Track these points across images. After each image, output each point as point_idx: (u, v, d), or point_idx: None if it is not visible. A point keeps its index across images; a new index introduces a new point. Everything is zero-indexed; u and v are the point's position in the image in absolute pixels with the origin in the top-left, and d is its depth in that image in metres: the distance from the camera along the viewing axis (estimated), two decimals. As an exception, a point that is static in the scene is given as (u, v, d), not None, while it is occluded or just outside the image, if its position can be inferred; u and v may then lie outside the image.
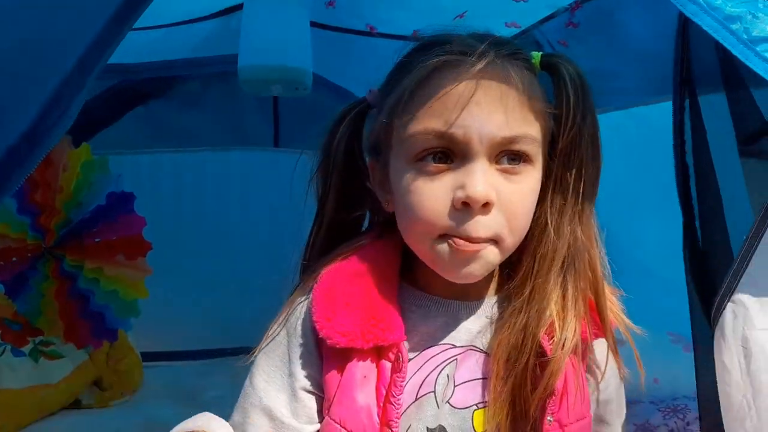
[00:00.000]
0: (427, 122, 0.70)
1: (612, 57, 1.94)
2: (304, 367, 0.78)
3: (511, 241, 0.73)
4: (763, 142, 0.70)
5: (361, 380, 0.75)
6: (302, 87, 1.84)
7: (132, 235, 1.97)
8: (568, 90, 0.74)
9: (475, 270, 0.73)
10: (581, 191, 0.76)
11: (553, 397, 0.75)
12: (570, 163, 0.75)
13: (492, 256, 0.72)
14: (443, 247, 0.71)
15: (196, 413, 0.77)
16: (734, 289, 0.70)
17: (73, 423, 1.96)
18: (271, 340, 0.81)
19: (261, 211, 2.56)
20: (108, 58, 0.64)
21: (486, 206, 0.69)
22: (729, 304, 0.70)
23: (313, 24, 2.03)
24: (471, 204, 0.68)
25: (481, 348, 0.79)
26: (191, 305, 2.35)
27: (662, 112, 1.33)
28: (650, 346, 0.89)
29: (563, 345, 0.74)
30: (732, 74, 0.71)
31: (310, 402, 0.78)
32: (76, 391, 2.05)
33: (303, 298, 0.80)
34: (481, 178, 0.69)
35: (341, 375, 0.76)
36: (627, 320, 0.82)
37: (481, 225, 0.70)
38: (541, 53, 0.76)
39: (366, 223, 0.89)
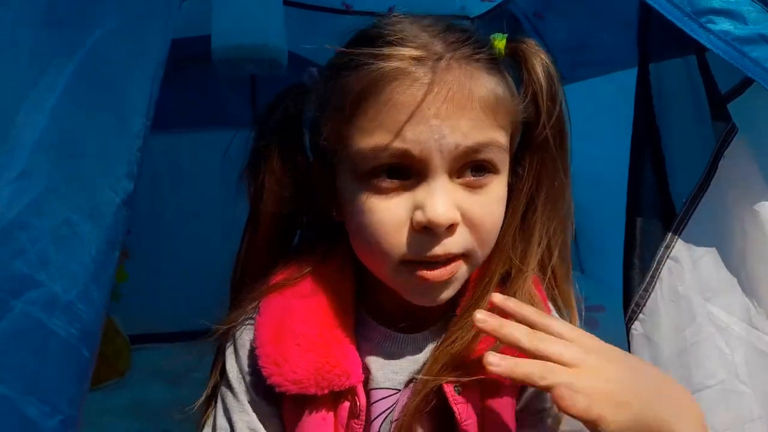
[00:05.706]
0: (378, 137, 0.60)
1: (588, 26, 1.93)
2: (260, 408, 0.70)
3: (482, 253, 0.66)
4: (726, 108, 0.71)
5: (320, 422, 0.67)
6: (276, 65, 1.81)
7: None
8: (539, 82, 0.66)
9: (446, 295, 0.65)
10: (537, 206, 0.69)
11: None
12: (530, 167, 0.68)
13: (462, 275, 0.65)
14: (406, 275, 0.63)
15: (184, 394, 0.72)
16: (672, 247, 0.71)
17: (63, 407, 1.96)
18: (224, 385, 0.72)
19: (241, 189, 2.53)
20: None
21: (450, 228, 0.61)
22: (667, 261, 0.71)
23: (287, 2, 2.01)
24: (433, 228, 0.60)
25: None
26: (177, 287, 2.34)
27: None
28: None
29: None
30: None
31: None
32: (65, 376, 2.06)
33: (244, 327, 0.71)
34: (442, 199, 0.60)
35: (299, 417, 0.68)
36: None
37: (448, 244, 0.61)
38: (506, 37, 0.67)
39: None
